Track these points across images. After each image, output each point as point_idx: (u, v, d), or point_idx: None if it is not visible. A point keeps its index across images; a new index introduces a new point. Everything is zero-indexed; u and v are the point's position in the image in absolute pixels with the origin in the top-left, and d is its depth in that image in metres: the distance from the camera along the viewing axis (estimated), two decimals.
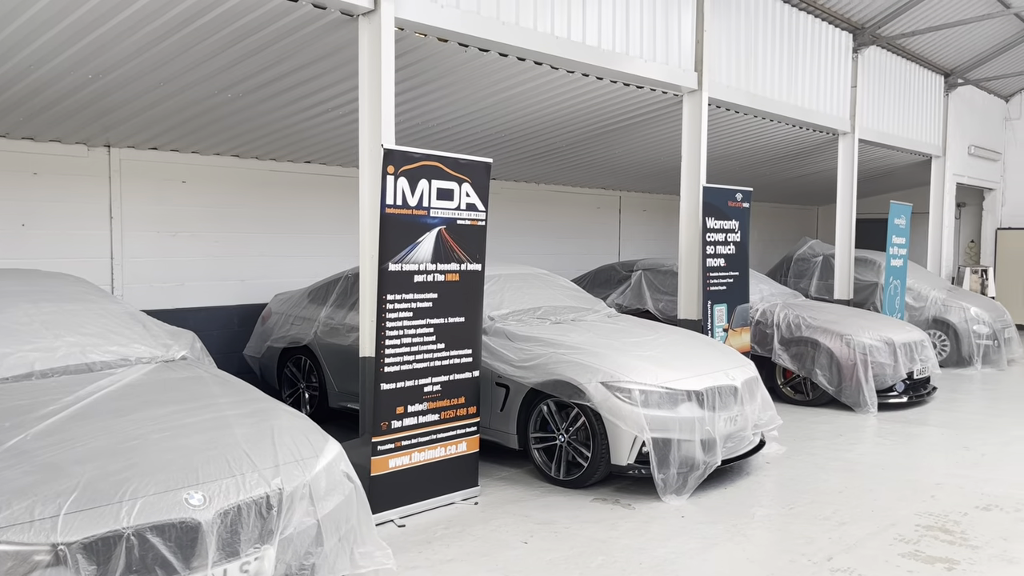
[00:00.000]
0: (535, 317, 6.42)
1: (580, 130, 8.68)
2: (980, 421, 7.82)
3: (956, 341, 10.82)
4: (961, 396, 9.08)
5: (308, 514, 3.31)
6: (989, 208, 16.08)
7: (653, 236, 13.38)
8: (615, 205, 12.81)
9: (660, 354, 5.86)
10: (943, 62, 12.90)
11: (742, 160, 11.31)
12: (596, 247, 12.41)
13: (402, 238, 4.81)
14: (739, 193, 8.10)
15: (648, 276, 9.57)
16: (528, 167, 10.17)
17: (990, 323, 10.89)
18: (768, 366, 8.64)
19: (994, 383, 9.93)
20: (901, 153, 12.60)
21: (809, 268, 11.81)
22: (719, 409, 5.61)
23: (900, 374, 8.19)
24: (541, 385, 5.61)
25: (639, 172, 11.31)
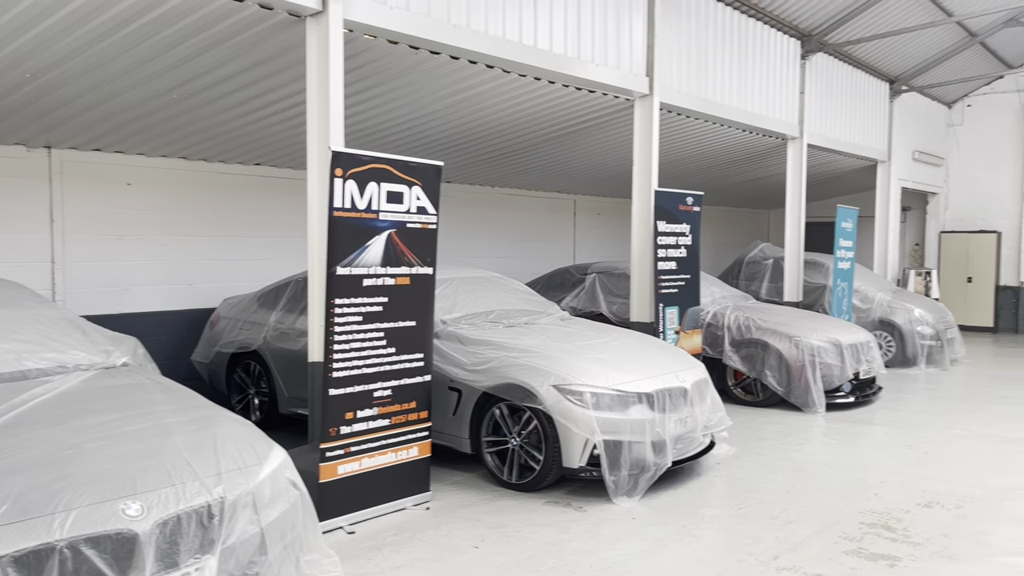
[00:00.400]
0: (488, 320, 6.41)
1: (534, 133, 8.70)
2: (923, 420, 8.01)
3: (901, 342, 11.08)
4: (906, 396, 9.30)
5: (251, 523, 3.25)
6: (933, 212, 16.51)
7: (608, 239, 13.47)
8: (570, 208, 12.87)
9: (611, 357, 5.89)
10: (888, 69, 13.22)
11: (694, 164, 11.45)
12: (551, 250, 12.45)
13: (351, 242, 4.76)
14: (690, 197, 8.19)
15: (602, 279, 9.62)
16: (483, 170, 10.17)
17: (933, 324, 11.17)
18: (719, 368, 8.75)
19: (937, 383, 10.19)
20: (848, 158, 12.88)
21: (760, 271, 11.99)
22: (669, 411, 5.66)
23: (847, 375, 8.36)
24: (493, 389, 5.60)
25: (593, 176, 11.37)
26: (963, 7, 11.66)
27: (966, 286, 15.95)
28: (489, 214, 11.33)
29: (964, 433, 7.45)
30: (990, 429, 7.61)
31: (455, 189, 10.76)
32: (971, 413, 8.34)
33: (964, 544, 4.70)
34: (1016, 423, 7.88)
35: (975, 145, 16.25)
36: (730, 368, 8.69)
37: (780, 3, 9.70)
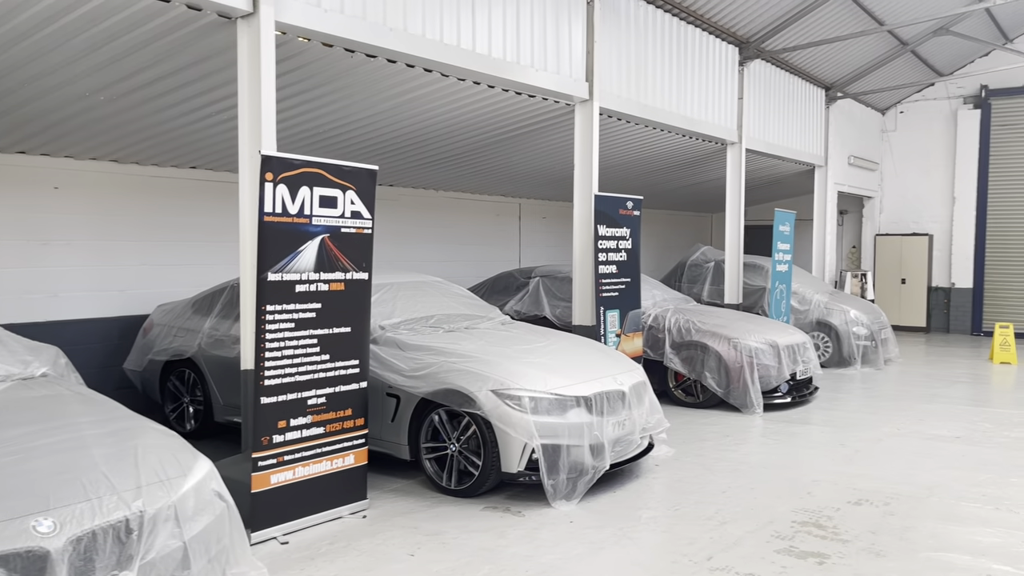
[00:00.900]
0: (427, 326, 6.37)
1: (476, 137, 8.69)
2: (857, 419, 8.20)
3: (837, 342, 11.34)
4: (841, 395, 9.52)
5: (173, 536, 3.17)
6: (869, 215, 16.96)
7: (553, 243, 13.53)
8: (515, 212, 12.89)
9: (550, 361, 5.90)
10: (824, 76, 13.53)
11: (636, 169, 11.56)
12: (496, 254, 12.45)
13: (282, 247, 4.68)
14: (630, 201, 8.27)
15: (545, 283, 9.65)
16: (426, 174, 10.12)
17: (868, 325, 11.46)
18: (660, 370, 8.85)
19: (872, 382, 10.45)
20: (786, 162, 13.15)
21: (701, 274, 12.17)
22: (607, 414, 5.69)
23: (784, 375, 8.52)
24: (432, 395, 5.56)
25: (537, 180, 11.41)
26: (894, 16, 12.00)
27: (900, 287, 16.41)
28: (435, 218, 11.29)
29: (894, 431, 7.65)
30: (919, 427, 7.83)
31: (399, 192, 10.70)
32: (902, 411, 8.57)
33: (890, 541, 4.82)
34: (943, 421, 8.13)
35: (908, 150, 16.74)
36: (671, 370, 8.79)
37: (718, 10, 9.85)
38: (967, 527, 5.05)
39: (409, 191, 10.87)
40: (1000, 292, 15.85)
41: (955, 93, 16.18)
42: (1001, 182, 15.78)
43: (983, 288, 15.98)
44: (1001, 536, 4.89)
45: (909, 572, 4.36)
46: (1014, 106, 15.63)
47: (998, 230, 15.84)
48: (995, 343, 12.27)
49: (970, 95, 16.01)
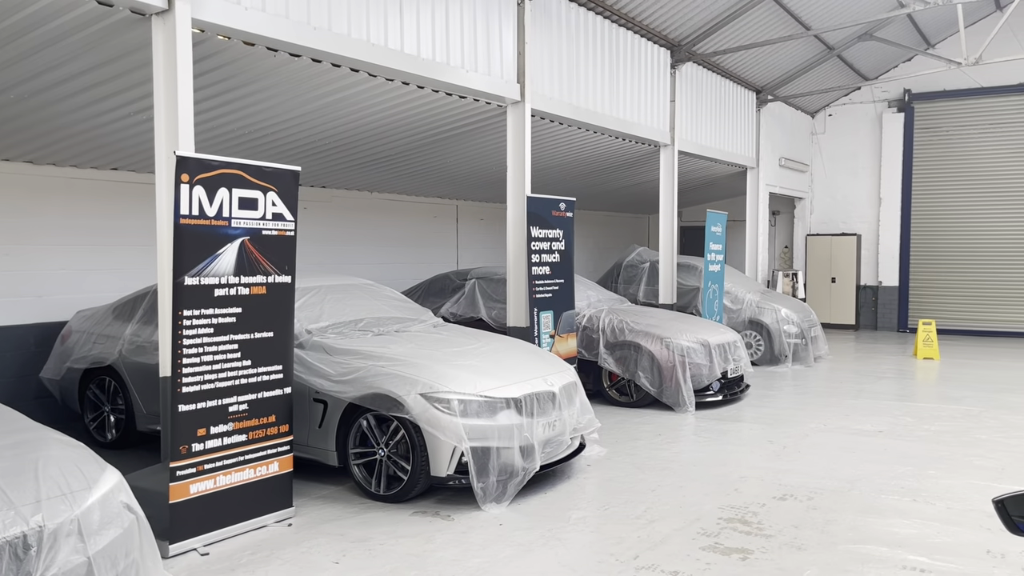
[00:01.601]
0: (356, 329, 6.29)
1: (409, 139, 8.62)
2: (786, 415, 8.38)
3: (769, 341, 11.58)
4: (772, 392, 9.71)
5: (76, 551, 3.05)
6: (800, 216, 17.38)
7: (491, 244, 13.52)
8: (452, 214, 12.84)
9: (481, 363, 5.88)
10: (754, 79, 13.82)
11: (571, 170, 11.63)
12: (434, 256, 12.39)
13: (200, 250, 4.56)
14: (563, 203, 8.30)
15: (481, 284, 9.63)
16: (360, 175, 10.01)
17: (799, 323, 11.73)
18: (595, 370, 8.91)
19: (802, 379, 10.69)
20: (719, 164, 13.38)
21: (637, 274, 12.29)
22: (538, 415, 5.69)
23: (715, 374, 8.65)
24: (360, 399, 5.49)
25: (474, 181, 11.39)
26: (820, 21, 12.32)
27: (831, 286, 16.85)
28: (370, 219, 11.18)
29: (821, 427, 7.83)
30: (844, 422, 8.03)
31: (332, 194, 10.56)
32: (829, 407, 8.79)
33: (812, 534, 4.92)
34: (868, 416, 8.36)
35: (836, 152, 17.21)
36: (605, 370, 8.86)
37: (649, 13, 9.97)
38: (885, 519, 5.19)
39: (343, 193, 10.74)
40: (924, 290, 16.41)
41: (880, 97, 16.69)
42: (924, 183, 16.34)
43: (908, 286, 16.51)
44: (917, 527, 5.04)
45: (828, 564, 4.46)
46: (935, 109, 16.20)
47: (922, 230, 16.39)
48: (918, 339, 12.68)
49: (894, 99, 16.54)
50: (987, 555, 4.58)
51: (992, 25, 15.04)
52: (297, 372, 5.63)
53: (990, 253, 15.80)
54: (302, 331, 5.97)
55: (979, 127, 15.81)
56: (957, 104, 15.97)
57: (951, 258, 16.14)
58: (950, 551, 4.64)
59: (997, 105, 15.64)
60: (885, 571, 4.37)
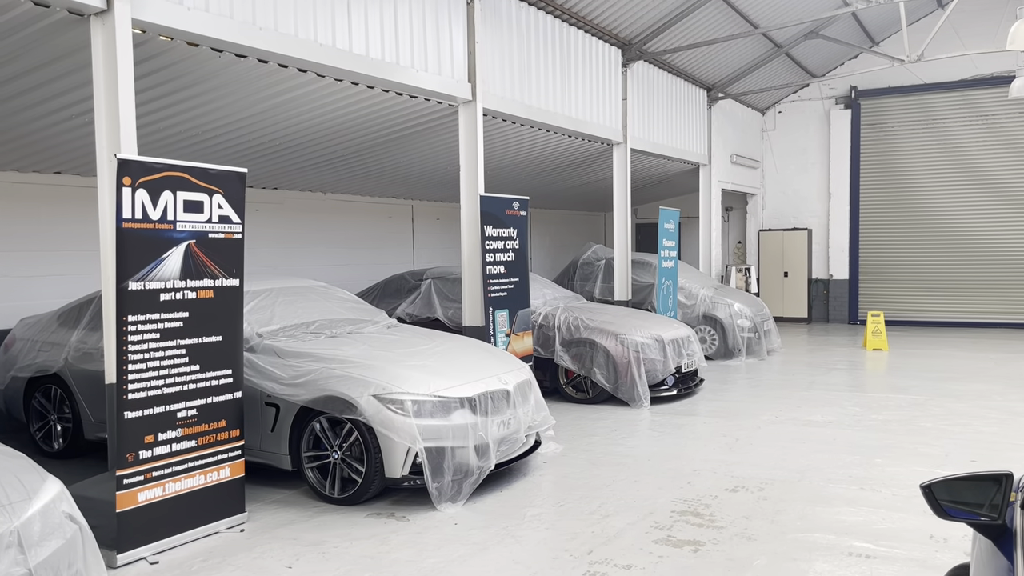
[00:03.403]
0: (308, 332, 6.24)
1: (361, 139, 8.57)
2: (739, 408, 8.51)
3: (723, 335, 11.75)
4: (725, 386, 9.86)
5: (17, 564, 2.99)
6: (752, 211, 17.65)
7: (447, 244, 13.50)
8: (408, 214, 12.80)
9: (434, 363, 5.88)
10: (705, 77, 14.00)
11: (525, 169, 11.67)
12: (390, 257, 12.34)
13: (144, 254, 4.49)
14: (516, 202, 8.33)
15: (437, 284, 9.62)
16: (312, 176, 9.92)
17: (752, 317, 11.92)
18: (552, 367, 8.96)
19: (755, 372, 10.87)
20: (672, 162, 13.53)
21: (593, 272, 12.38)
22: (492, 414, 5.71)
23: (669, 368, 8.76)
24: (312, 402, 5.46)
25: (429, 181, 11.36)
26: (767, 20, 12.52)
27: (783, 280, 17.15)
28: (324, 221, 11.09)
29: (773, 419, 7.97)
30: (796, 413, 8.19)
31: (284, 196, 10.45)
32: (781, 399, 8.95)
33: (762, 525, 5.01)
34: (818, 407, 8.53)
35: (787, 149, 17.51)
36: (561, 367, 8.91)
37: (599, 12, 10.04)
38: (833, 508, 5.31)
39: (295, 194, 10.64)
40: (873, 282, 16.78)
41: (828, 94, 17.03)
42: (872, 178, 16.71)
43: (858, 279, 16.88)
44: (864, 515, 5.16)
45: (777, 554, 4.55)
46: (881, 106, 16.58)
47: (870, 224, 16.76)
48: (868, 331, 12.97)
49: (841, 96, 16.88)
50: (930, 540, 4.71)
51: (934, 23, 15.43)
52: (248, 376, 5.58)
53: (936, 245, 16.23)
54: (252, 335, 5.91)
55: (922, 122, 16.22)
56: (901, 100, 16.37)
57: (899, 250, 16.54)
58: (895, 537, 4.77)
59: (939, 101, 16.06)
60: (832, 558, 4.47)
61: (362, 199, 11.78)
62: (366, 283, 11.41)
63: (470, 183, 8.07)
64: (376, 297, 9.91)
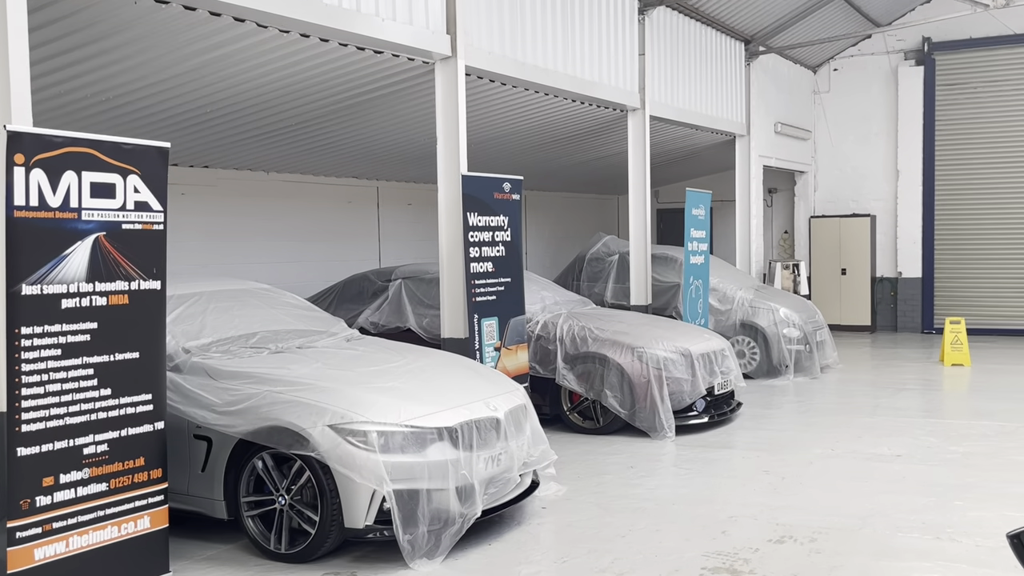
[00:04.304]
0: (249, 346, 6.26)
1: (314, 105, 8.57)
2: (786, 439, 8.55)
3: (765, 348, 11.80)
4: (769, 411, 9.91)
5: None
6: (801, 193, 17.73)
7: (422, 235, 13.48)
8: (372, 198, 12.82)
9: (406, 385, 5.89)
10: (743, 26, 14.06)
11: (518, 143, 11.70)
12: (350, 252, 12.34)
13: (41, 251, 4.49)
14: (507, 183, 8.35)
15: (409, 287, 9.63)
16: (253, 151, 9.92)
17: (802, 325, 11.98)
18: (552, 389, 8.99)
19: (806, 394, 10.92)
20: (701, 132, 13.59)
21: (604, 270, 12.43)
22: (478, 448, 5.73)
23: (699, 390, 8.79)
24: (253, 434, 5.46)
25: (398, 157, 11.37)
26: None
27: (840, 279, 17.23)
28: (267, 207, 11.09)
29: (828, 452, 8.01)
30: (856, 445, 8.23)
31: (217, 176, 10.45)
32: (838, 428, 8.99)
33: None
34: (884, 436, 8.57)
35: (844, 115, 17.59)
36: (565, 389, 8.94)
37: None
38: (903, 562, 5.34)
39: (231, 174, 10.63)
40: (953, 282, 16.87)
41: (895, 47, 17.11)
42: (950, 151, 16.77)
43: (934, 277, 16.96)
44: (940, 571, 5.19)
45: None
46: (960, 62, 16.65)
47: (949, 208, 16.84)
48: (945, 342, 13.03)
49: (911, 49, 16.96)
50: None
51: None
52: (172, 402, 5.57)
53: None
54: (178, 350, 5.92)
55: (1012, 82, 16.29)
56: (986, 55, 16.45)
57: (985, 242, 16.61)
58: None
59: None
60: None
61: (315, 180, 11.77)
62: (320, 284, 11.39)
63: (450, 160, 8.08)
64: (333, 302, 9.92)
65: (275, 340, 6.44)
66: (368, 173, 12.31)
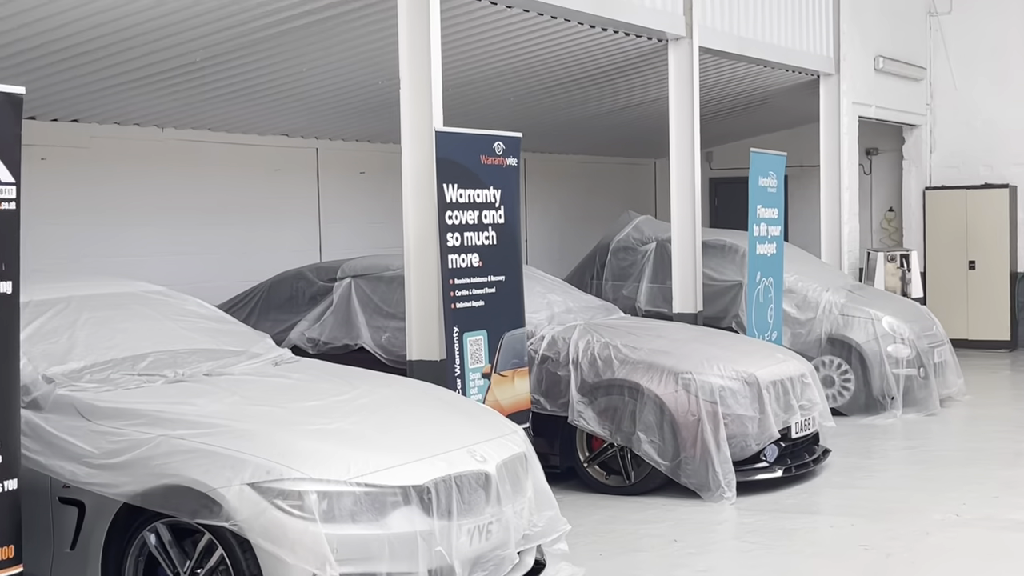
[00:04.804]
0: (137, 373, 6.23)
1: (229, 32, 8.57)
2: (892, 501, 8.54)
3: (863, 372, 11.78)
4: (869, 462, 9.91)
5: None
6: (912, 156, 17.69)
7: (379, 216, 13.46)
8: (309, 163, 12.82)
9: (358, 426, 5.87)
10: None
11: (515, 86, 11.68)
12: (279, 239, 12.34)
13: None
14: (499, 142, 8.32)
15: (362, 289, 9.61)
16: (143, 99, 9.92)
17: (912, 341, 11.93)
18: (564, 432, 8.95)
19: (919, 437, 10.92)
20: (771, 70, 13.58)
21: (636, 263, 12.41)
22: (460, 514, 5.69)
23: (770, 432, 8.75)
24: (143, 497, 5.43)
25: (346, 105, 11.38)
26: None
27: (967, 275, 17.20)
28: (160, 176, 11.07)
29: (951, 519, 8.01)
30: (991, 509, 8.23)
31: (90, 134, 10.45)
32: (965, 485, 8.99)
33: None
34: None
35: (973, 45, 17.53)
36: (582, 432, 8.91)
37: None
38: None
39: (111, 131, 10.62)
40: None
41: None
42: None
43: None
44: None
45: None
46: None
47: None
48: None
49: None
50: None
51: None
52: (28, 452, 5.55)
53: None
54: (37, 379, 5.91)
55: None
56: None
57: None
58: None
59: None
60: None
61: (229, 139, 11.75)
62: (237, 286, 11.38)
63: (418, 109, 8.05)
64: (255, 311, 9.93)
65: (173, 364, 6.41)
66: (303, 128, 12.29)
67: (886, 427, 11.38)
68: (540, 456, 6.83)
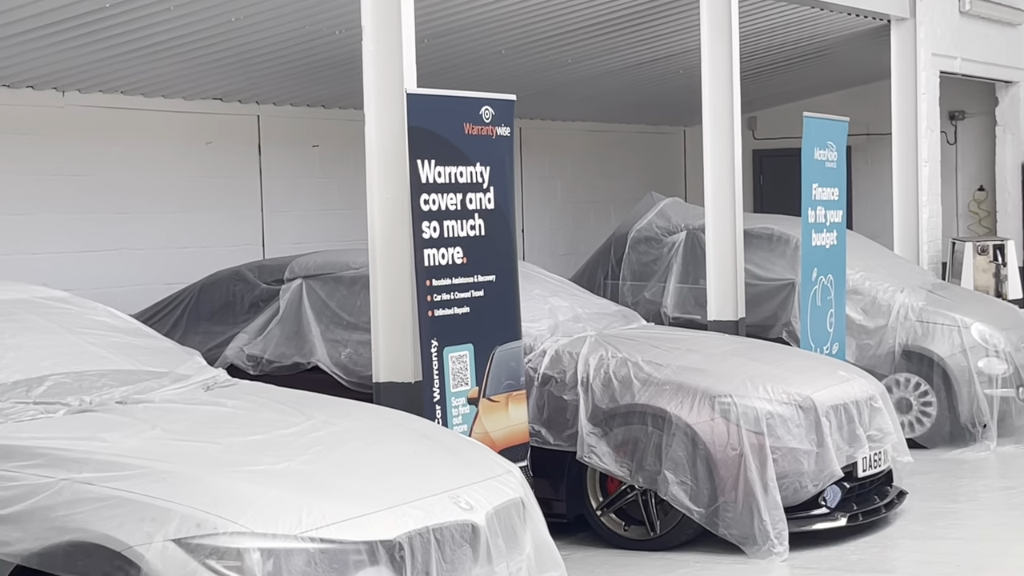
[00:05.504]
0: (31, 401, 6.25)
1: None
2: (984, 555, 8.56)
3: (948, 392, 11.78)
4: (954, 506, 9.92)
5: None
6: (1007, 121, 17.72)
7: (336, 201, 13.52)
8: (249, 135, 12.84)
9: (311, 465, 5.88)
10: None
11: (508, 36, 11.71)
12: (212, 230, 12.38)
13: None
14: (488, 106, 8.34)
15: (316, 293, 9.64)
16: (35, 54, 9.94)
17: (1010, 354, 11.94)
18: (572, 471, 8.97)
19: (1018, 475, 10.92)
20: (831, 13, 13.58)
21: (661, 258, 12.41)
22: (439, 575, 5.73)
23: (830, 470, 8.75)
24: (41, 557, 5.44)
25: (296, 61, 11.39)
26: None
27: None
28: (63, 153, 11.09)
29: None
30: None
31: None
32: None
33: None
34: None
35: None
36: (593, 471, 8.92)
37: None
38: None
39: None
40: None
41: None
42: None
43: None
44: None
45: None
46: None
47: None
48: None
49: None
50: None
51: None
52: None
53: None
54: None
55: None
56: None
57: None
58: None
59: None
60: None
61: (146, 103, 11.76)
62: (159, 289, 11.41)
63: (385, 65, 8.08)
64: (183, 321, 9.97)
65: (79, 390, 6.42)
66: (241, 91, 12.32)
67: (977, 462, 11.39)
68: (541, 502, 6.84)
